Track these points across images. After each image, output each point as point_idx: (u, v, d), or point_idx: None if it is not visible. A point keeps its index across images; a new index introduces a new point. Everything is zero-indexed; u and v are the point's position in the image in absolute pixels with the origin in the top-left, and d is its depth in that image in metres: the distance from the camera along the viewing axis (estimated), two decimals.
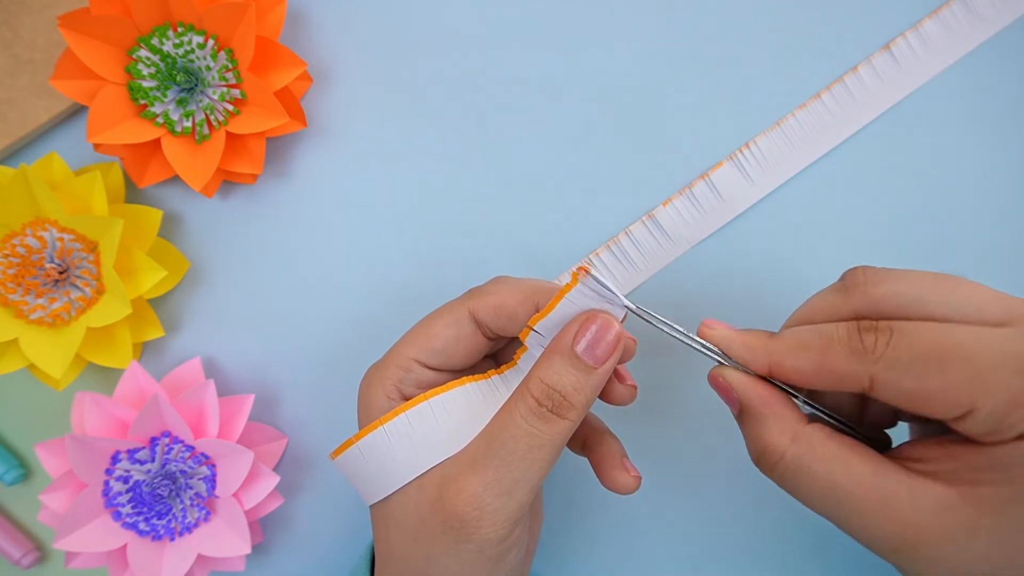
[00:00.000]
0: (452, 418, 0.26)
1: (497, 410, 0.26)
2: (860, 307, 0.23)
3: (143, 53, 0.32)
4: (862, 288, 0.23)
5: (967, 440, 0.21)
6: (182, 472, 0.32)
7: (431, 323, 0.28)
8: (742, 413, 0.25)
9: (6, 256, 0.32)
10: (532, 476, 0.24)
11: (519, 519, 0.25)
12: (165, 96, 0.32)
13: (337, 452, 0.27)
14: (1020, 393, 0.20)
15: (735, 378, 0.25)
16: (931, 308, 0.22)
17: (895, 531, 0.21)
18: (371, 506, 0.27)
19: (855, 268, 0.24)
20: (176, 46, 0.32)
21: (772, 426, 0.24)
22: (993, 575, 0.21)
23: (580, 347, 0.24)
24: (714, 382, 0.25)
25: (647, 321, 0.25)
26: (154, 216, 0.33)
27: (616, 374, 0.27)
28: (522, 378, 0.26)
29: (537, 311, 0.26)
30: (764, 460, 0.24)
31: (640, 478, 0.27)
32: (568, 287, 0.25)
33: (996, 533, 0.20)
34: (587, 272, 0.24)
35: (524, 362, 0.26)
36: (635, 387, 0.27)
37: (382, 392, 0.27)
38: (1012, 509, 0.20)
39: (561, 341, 0.25)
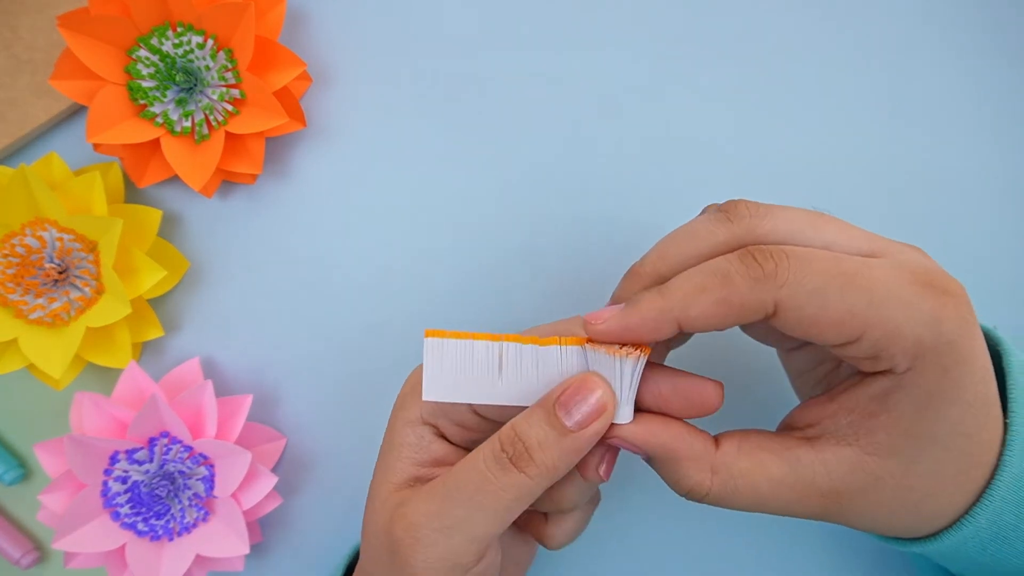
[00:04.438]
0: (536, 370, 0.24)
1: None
2: (744, 238, 0.23)
3: (142, 53, 0.32)
4: (747, 221, 0.23)
5: (850, 387, 0.23)
6: (180, 472, 0.32)
7: None
8: (652, 460, 0.24)
9: (5, 256, 0.32)
10: (475, 522, 0.23)
11: (459, 566, 0.23)
12: (164, 96, 0.32)
13: (436, 333, 0.24)
14: (900, 325, 0.21)
15: (630, 434, 0.24)
16: (809, 239, 0.23)
17: (823, 504, 0.23)
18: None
19: (737, 201, 0.24)
20: (175, 46, 0.32)
21: (689, 468, 0.23)
22: (909, 507, 0.23)
23: (560, 403, 0.23)
24: (614, 443, 0.24)
25: None
26: (153, 216, 0.33)
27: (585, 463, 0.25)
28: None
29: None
30: (691, 496, 0.24)
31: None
32: (576, 341, 0.24)
33: (894, 473, 0.23)
34: (591, 344, 0.24)
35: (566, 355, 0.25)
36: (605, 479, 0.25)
37: (418, 410, 0.26)
38: (902, 443, 0.22)
39: (547, 396, 0.24)
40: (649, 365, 0.24)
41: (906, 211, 0.34)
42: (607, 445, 0.24)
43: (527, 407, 0.24)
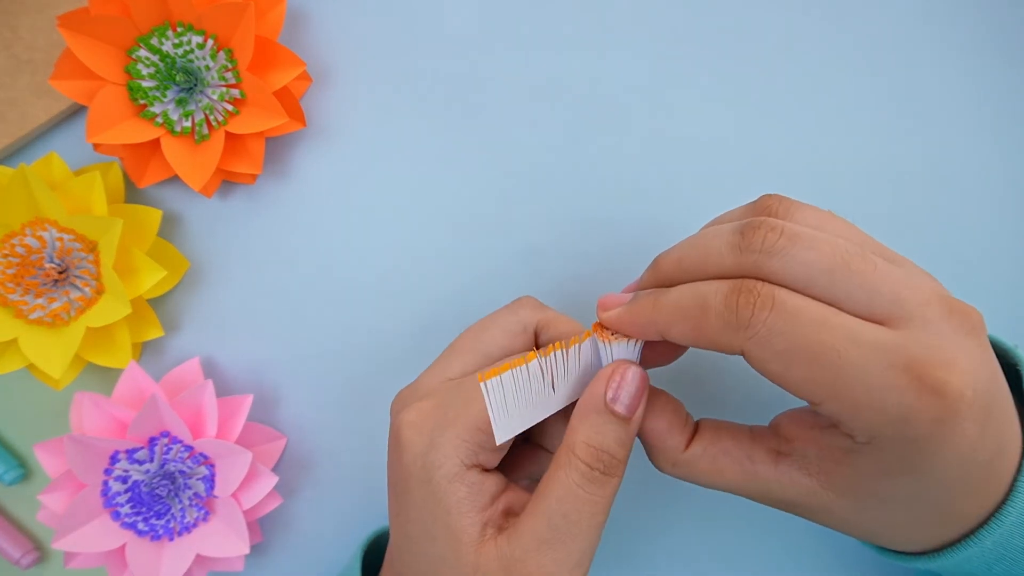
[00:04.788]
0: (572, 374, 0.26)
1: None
2: (749, 272, 0.23)
3: (142, 53, 0.32)
4: (756, 257, 0.22)
5: (830, 424, 0.23)
6: (181, 472, 0.32)
7: None
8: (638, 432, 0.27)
9: (6, 256, 0.32)
10: (594, 542, 0.25)
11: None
12: (164, 96, 0.32)
13: (490, 375, 0.25)
14: (860, 410, 0.21)
15: None
16: (821, 289, 0.22)
17: (778, 505, 0.25)
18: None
19: (759, 225, 0.23)
20: (175, 46, 0.32)
21: (657, 456, 0.26)
22: (860, 535, 0.25)
23: (612, 399, 0.24)
24: None
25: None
26: (153, 216, 0.33)
27: None
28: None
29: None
30: (656, 466, 0.26)
31: None
32: (588, 335, 0.26)
33: (848, 511, 0.24)
34: (603, 330, 0.25)
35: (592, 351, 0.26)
36: None
37: (455, 458, 0.25)
38: (857, 494, 0.23)
39: (593, 398, 0.25)
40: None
41: (906, 211, 0.34)
42: None
43: (566, 404, 0.26)
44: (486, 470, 0.26)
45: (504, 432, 0.25)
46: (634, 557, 0.35)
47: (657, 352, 0.27)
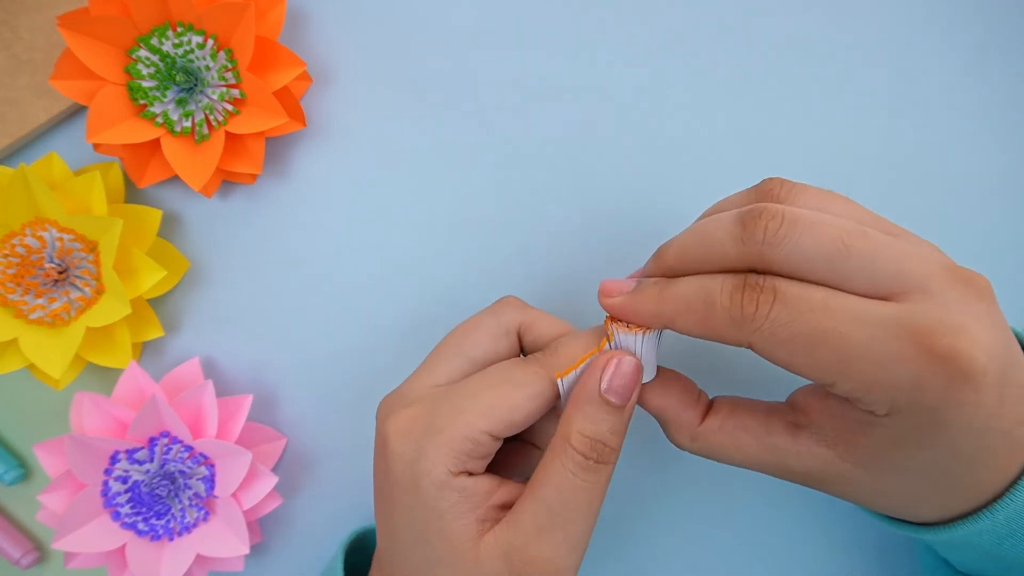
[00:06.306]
0: None
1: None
2: (753, 263, 0.23)
3: (142, 53, 0.32)
4: (759, 247, 0.23)
5: (845, 398, 0.23)
6: (181, 472, 0.32)
7: (510, 393, 0.26)
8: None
9: (6, 256, 0.32)
10: (591, 526, 0.25)
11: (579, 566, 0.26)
12: (164, 96, 0.32)
13: (566, 372, 0.26)
14: (872, 384, 0.21)
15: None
16: (822, 274, 0.22)
17: (797, 478, 0.25)
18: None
19: (761, 212, 0.23)
20: (175, 46, 0.32)
21: (673, 431, 0.26)
22: (880, 507, 0.25)
23: (605, 388, 0.25)
24: None
25: None
26: (153, 216, 0.33)
27: None
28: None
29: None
30: (675, 444, 0.27)
31: None
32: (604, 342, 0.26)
33: (865, 481, 0.24)
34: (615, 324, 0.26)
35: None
36: None
37: (443, 466, 0.25)
38: (875, 464, 0.23)
39: (587, 389, 0.25)
40: None
41: (905, 210, 0.34)
42: None
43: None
44: (473, 475, 0.26)
45: None
46: (630, 535, 0.35)
47: None
